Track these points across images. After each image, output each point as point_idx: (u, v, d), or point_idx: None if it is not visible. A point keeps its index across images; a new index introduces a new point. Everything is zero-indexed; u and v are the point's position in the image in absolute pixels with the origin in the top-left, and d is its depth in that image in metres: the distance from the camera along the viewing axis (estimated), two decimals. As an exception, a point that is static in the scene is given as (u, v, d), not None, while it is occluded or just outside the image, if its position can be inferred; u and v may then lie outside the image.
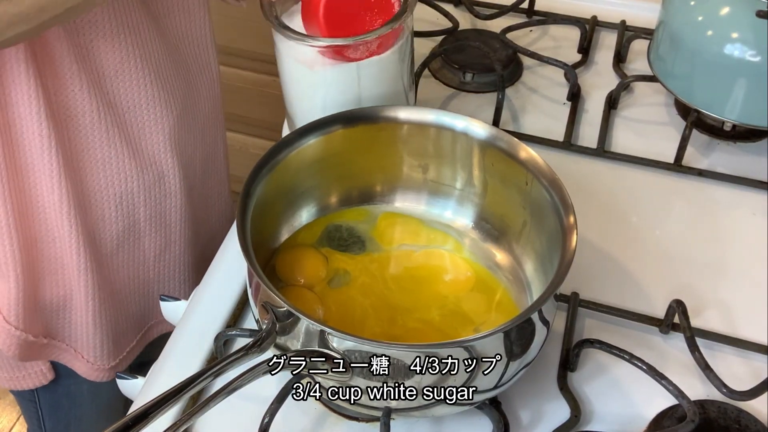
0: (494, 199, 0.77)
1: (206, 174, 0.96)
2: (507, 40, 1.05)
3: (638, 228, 0.87)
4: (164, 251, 0.93)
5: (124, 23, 0.75)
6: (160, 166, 0.87)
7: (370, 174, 0.79)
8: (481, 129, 0.74)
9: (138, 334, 0.98)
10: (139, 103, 0.82)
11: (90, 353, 0.93)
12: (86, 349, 0.92)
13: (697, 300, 0.78)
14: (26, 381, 0.94)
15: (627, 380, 0.72)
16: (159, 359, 0.75)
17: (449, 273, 0.75)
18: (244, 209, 0.67)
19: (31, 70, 0.73)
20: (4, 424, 1.76)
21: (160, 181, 0.87)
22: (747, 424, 0.67)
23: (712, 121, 0.96)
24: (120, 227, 0.87)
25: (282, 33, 0.77)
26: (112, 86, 0.79)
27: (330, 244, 0.77)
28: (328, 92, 0.80)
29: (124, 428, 0.53)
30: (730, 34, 0.88)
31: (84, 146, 0.80)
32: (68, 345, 0.93)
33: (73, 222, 0.82)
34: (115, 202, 0.85)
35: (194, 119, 0.90)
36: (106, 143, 0.81)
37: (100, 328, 0.91)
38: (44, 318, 0.89)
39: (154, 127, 0.84)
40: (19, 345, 0.88)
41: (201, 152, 0.93)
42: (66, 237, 0.83)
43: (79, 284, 0.87)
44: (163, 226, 0.91)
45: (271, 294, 0.60)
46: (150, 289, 0.95)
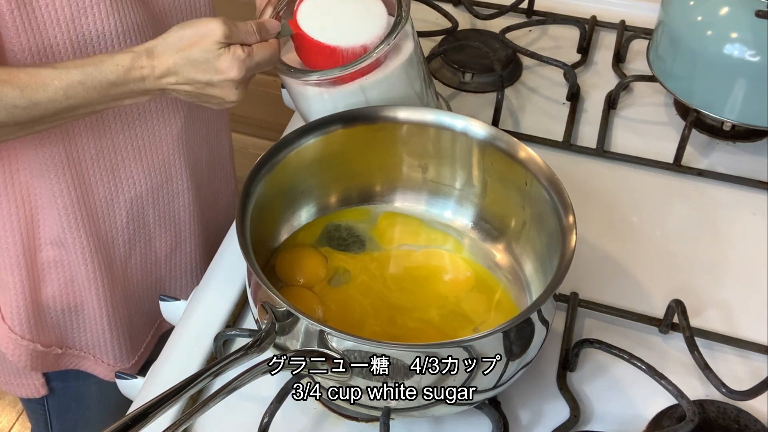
0: (494, 199, 0.77)
1: (213, 172, 0.96)
2: (506, 40, 1.05)
3: (638, 228, 0.87)
4: (175, 250, 0.93)
5: (127, 26, 0.75)
6: (168, 168, 0.86)
7: (370, 174, 0.79)
8: (480, 129, 0.74)
9: (152, 329, 0.99)
10: (148, 106, 0.81)
11: (110, 357, 0.93)
12: (105, 353, 0.92)
13: (696, 300, 0.78)
14: (21, 389, 0.94)
15: (626, 380, 0.72)
16: (159, 359, 0.75)
17: (449, 273, 0.75)
18: (243, 209, 0.67)
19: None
20: (3, 424, 1.76)
21: (168, 182, 0.87)
22: (746, 424, 0.67)
23: (712, 121, 0.96)
24: (131, 231, 0.87)
25: (278, 69, 0.76)
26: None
27: (330, 244, 0.77)
28: (337, 108, 0.77)
29: (123, 428, 0.53)
30: (729, 34, 0.88)
31: (93, 152, 0.80)
32: (86, 353, 0.92)
33: (82, 231, 0.82)
34: (126, 208, 0.85)
35: (200, 119, 0.90)
36: (114, 149, 0.81)
37: (116, 332, 0.91)
38: (55, 328, 0.89)
39: (163, 129, 0.84)
40: (30, 355, 0.88)
41: (207, 151, 0.93)
42: (74, 246, 0.83)
43: (90, 292, 0.87)
44: (173, 226, 0.91)
45: (270, 294, 0.60)
46: (162, 287, 0.95)
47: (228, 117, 1.00)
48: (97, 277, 0.86)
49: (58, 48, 0.71)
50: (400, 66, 0.78)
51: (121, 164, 0.82)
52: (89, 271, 0.85)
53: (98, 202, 0.83)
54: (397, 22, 0.75)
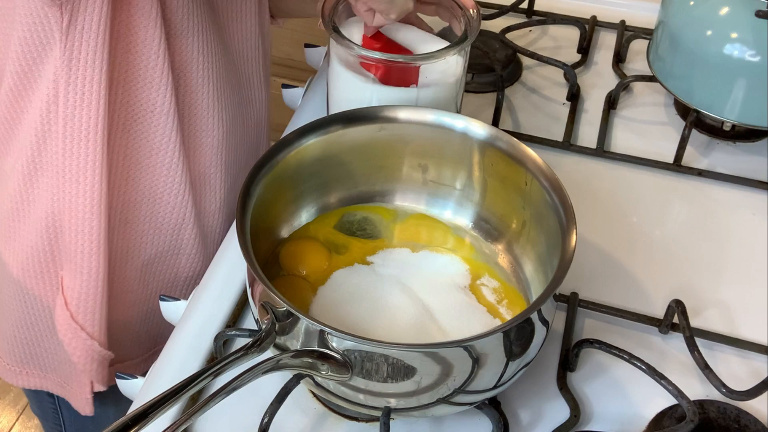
0: (494, 199, 0.77)
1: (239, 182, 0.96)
2: (507, 40, 1.05)
3: (638, 228, 0.87)
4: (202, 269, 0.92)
5: (193, 23, 0.75)
6: (206, 179, 0.86)
7: (370, 174, 0.79)
8: (480, 129, 0.74)
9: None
10: (196, 108, 0.81)
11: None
12: (144, 366, 0.93)
13: (696, 300, 0.78)
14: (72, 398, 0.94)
15: (626, 380, 0.72)
16: (159, 359, 0.75)
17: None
18: (243, 209, 0.67)
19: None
20: (3, 424, 1.76)
21: (204, 195, 0.87)
22: (746, 424, 0.67)
23: (712, 121, 0.96)
24: (158, 248, 0.87)
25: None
26: (176, 89, 0.79)
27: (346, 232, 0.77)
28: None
29: (123, 428, 0.53)
30: (729, 34, 0.88)
31: (146, 149, 0.80)
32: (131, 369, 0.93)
33: (104, 241, 0.81)
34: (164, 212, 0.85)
35: (240, 141, 0.90)
36: (164, 146, 0.81)
37: (152, 344, 0.92)
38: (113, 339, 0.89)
39: (205, 138, 0.84)
40: (87, 352, 0.86)
41: (245, 174, 0.93)
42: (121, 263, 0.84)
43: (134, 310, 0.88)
44: (203, 246, 0.90)
45: (270, 294, 0.60)
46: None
47: (269, 129, 1.00)
48: (147, 296, 0.88)
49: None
50: (455, 80, 0.82)
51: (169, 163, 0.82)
52: (140, 284, 0.87)
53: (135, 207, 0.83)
54: (465, 37, 0.80)
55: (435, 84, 0.81)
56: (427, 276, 0.73)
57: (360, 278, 0.73)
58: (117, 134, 0.77)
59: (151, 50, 0.74)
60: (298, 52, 1.49)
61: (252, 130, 0.93)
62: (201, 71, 0.79)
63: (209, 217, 0.89)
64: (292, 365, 0.60)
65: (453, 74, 0.82)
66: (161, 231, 0.85)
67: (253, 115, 0.93)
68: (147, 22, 0.72)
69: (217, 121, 0.84)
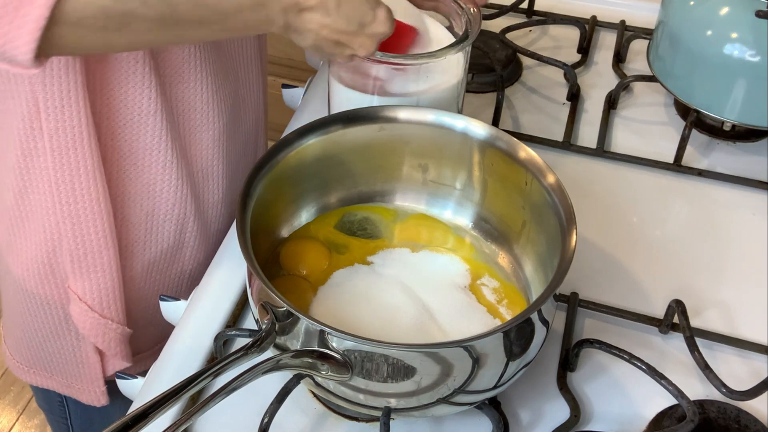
0: (494, 199, 0.77)
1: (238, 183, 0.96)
2: (507, 40, 1.05)
3: (638, 228, 0.87)
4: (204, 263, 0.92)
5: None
6: (206, 173, 0.87)
7: (370, 174, 0.79)
8: (480, 129, 0.74)
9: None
10: (194, 104, 0.81)
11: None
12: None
13: (696, 300, 0.78)
14: (83, 394, 0.94)
15: (627, 380, 0.72)
16: (159, 359, 0.75)
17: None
18: (243, 209, 0.67)
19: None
20: (3, 424, 1.76)
21: (204, 188, 0.87)
22: (746, 424, 0.67)
23: (712, 121, 0.97)
24: (165, 245, 0.87)
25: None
26: (170, 87, 0.79)
27: (346, 232, 0.77)
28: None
29: (123, 428, 0.53)
30: (729, 34, 0.88)
31: (139, 149, 0.80)
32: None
33: (111, 236, 0.82)
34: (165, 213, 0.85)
35: (238, 132, 0.90)
36: (156, 145, 0.81)
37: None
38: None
39: (204, 133, 0.84)
40: (119, 340, 0.87)
41: (244, 165, 0.93)
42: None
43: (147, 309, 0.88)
44: (206, 239, 0.91)
45: (270, 294, 0.60)
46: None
47: (266, 134, 1.00)
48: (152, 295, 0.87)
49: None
50: (457, 81, 0.82)
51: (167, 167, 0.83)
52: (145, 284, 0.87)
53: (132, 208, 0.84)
54: (465, 36, 0.79)
55: (437, 84, 0.81)
56: (427, 276, 0.73)
57: (360, 278, 0.73)
58: (106, 140, 0.78)
59: (129, 55, 0.74)
60: (298, 52, 1.49)
61: (250, 118, 0.93)
62: (197, 65, 0.79)
63: (211, 210, 0.89)
64: (292, 365, 0.60)
65: (455, 74, 0.82)
66: (163, 227, 0.85)
67: (251, 102, 0.92)
68: None
69: (216, 113, 0.84)
